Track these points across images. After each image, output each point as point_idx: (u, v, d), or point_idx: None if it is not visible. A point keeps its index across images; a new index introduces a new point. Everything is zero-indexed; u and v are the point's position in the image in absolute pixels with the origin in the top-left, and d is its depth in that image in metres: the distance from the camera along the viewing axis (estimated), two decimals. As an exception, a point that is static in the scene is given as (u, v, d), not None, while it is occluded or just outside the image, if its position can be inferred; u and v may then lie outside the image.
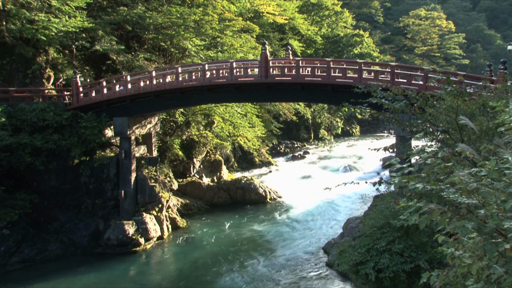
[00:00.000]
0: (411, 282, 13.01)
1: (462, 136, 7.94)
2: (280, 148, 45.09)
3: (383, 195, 16.63)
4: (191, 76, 20.59)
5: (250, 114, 30.10)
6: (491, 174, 4.16)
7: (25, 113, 20.03)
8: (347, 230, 19.43)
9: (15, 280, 17.09)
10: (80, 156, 20.86)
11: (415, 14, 79.04)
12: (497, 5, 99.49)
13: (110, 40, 24.51)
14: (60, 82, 23.86)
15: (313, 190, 28.14)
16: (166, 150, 26.69)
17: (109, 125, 21.90)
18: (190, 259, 19.25)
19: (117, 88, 21.40)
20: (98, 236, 20.53)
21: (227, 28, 29.13)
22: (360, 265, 14.13)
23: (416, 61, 70.77)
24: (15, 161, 19.33)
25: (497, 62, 30.28)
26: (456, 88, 8.17)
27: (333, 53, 49.92)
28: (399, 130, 14.68)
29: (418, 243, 13.60)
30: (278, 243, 20.79)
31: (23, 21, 21.27)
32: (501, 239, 3.93)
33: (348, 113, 11.06)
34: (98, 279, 17.38)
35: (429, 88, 14.01)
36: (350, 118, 59.05)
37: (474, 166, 5.40)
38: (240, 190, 28.17)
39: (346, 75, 17.70)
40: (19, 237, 18.76)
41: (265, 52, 18.92)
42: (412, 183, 4.58)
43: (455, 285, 4.94)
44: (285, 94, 20.39)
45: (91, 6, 25.26)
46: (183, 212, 24.74)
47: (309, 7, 53.71)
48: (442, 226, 4.28)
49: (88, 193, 21.19)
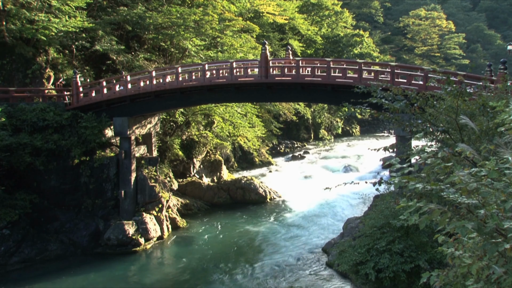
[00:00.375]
0: (411, 282, 12.99)
1: (462, 136, 7.94)
2: (280, 148, 45.08)
3: (383, 195, 16.60)
4: (191, 76, 20.59)
5: (250, 114, 30.10)
6: (491, 174, 4.16)
7: (25, 113, 20.03)
8: (347, 230, 19.43)
9: (15, 280, 17.10)
10: (80, 156, 20.86)
11: (415, 14, 79.04)
12: (497, 5, 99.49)
13: (110, 40, 24.51)
14: (60, 82, 23.86)
15: (313, 190, 28.11)
16: (166, 150, 26.69)
17: (109, 125, 21.90)
18: (190, 259, 19.26)
19: (117, 88, 21.41)
20: (98, 236, 20.53)
21: (227, 28, 29.13)
22: (360, 265, 14.11)
23: (416, 61, 70.76)
24: (15, 161, 19.34)
25: (497, 62, 30.28)
26: (456, 88, 8.17)
27: (333, 53, 49.92)
28: (399, 130, 14.68)
29: (418, 243, 13.59)
30: (278, 243, 20.79)
31: (23, 21, 21.27)
32: (501, 239, 3.93)
33: (348, 113, 11.05)
34: (98, 279, 17.39)
35: (429, 88, 14.01)
36: (350, 118, 59.04)
37: (474, 166, 5.40)
38: (240, 190, 28.17)
39: (346, 75, 17.70)
40: (19, 237, 18.76)
41: (265, 52, 18.92)
42: (412, 183, 4.58)
43: (455, 285, 4.94)
44: (285, 94, 20.39)
45: (91, 6, 25.26)
46: (183, 212, 24.75)
47: (309, 7, 53.72)
48: (442, 226, 4.28)
49: (88, 193, 21.20)
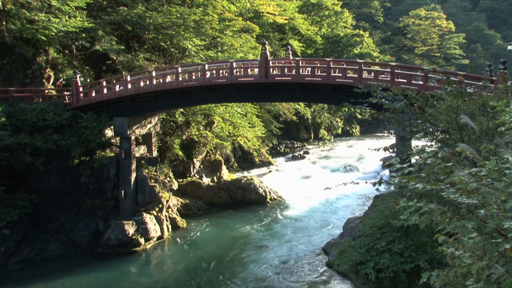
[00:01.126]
0: (411, 282, 13.01)
1: (462, 136, 7.94)
2: (280, 148, 45.08)
3: (383, 195, 16.62)
4: (191, 76, 20.59)
5: (250, 114, 30.10)
6: (491, 174, 4.16)
7: (25, 113, 20.03)
8: (347, 230, 19.42)
9: (15, 280, 17.08)
10: (80, 156, 20.85)
11: (415, 14, 79.04)
12: (497, 5, 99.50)
13: (110, 40, 24.51)
14: (60, 82, 23.85)
15: (313, 190, 28.12)
16: (166, 150, 26.69)
17: (109, 125, 21.89)
18: (190, 259, 19.27)
19: (117, 88, 21.40)
20: (98, 236, 20.53)
21: (227, 28, 29.12)
22: (360, 265, 14.13)
23: (416, 61, 70.77)
24: (15, 161, 19.33)
25: (497, 62, 30.24)
26: (456, 88, 8.17)
27: (333, 53, 49.92)
28: (399, 130, 14.68)
29: (418, 243, 13.60)
30: (278, 243, 20.79)
31: (23, 21, 21.25)
32: (501, 239, 3.93)
33: (348, 113, 11.06)
34: (98, 279, 17.38)
35: (429, 88, 14.00)
36: (350, 118, 59.04)
37: (474, 166, 5.40)
38: (240, 190, 28.16)
39: (346, 75, 17.70)
40: (19, 237, 18.76)
41: (265, 52, 18.92)
42: (412, 183, 4.58)
43: (455, 285, 4.94)
44: (285, 94, 20.39)
45: (91, 6, 25.25)
46: (183, 212, 24.74)
47: (309, 7, 53.71)
48: (442, 226, 4.28)
49: (88, 193, 21.19)
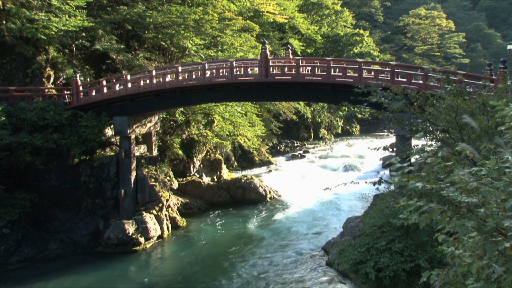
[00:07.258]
0: (411, 281, 13.00)
1: (462, 135, 7.93)
2: (280, 147, 45.09)
3: (383, 194, 16.62)
4: (191, 75, 20.59)
5: (250, 113, 30.10)
6: (491, 173, 4.16)
7: (25, 112, 20.03)
8: (347, 229, 19.42)
9: (15, 279, 17.10)
10: (80, 155, 20.86)
11: (415, 13, 79.05)
12: (497, 4, 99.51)
13: (110, 39, 24.50)
14: (60, 81, 23.85)
15: (313, 190, 28.13)
16: (166, 149, 26.69)
17: (109, 124, 21.90)
18: (190, 258, 19.27)
19: (117, 87, 21.40)
20: (98, 235, 20.54)
21: (227, 27, 29.12)
22: (360, 264, 14.12)
23: (416, 60, 70.78)
24: (15, 160, 19.34)
25: (497, 61, 30.26)
26: (456, 87, 8.16)
27: (333, 52, 49.92)
28: (399, 130, 14.66)
29: (418, 242, 13.60)
30: (278, 242, 20.80)
31: (23, 20, 21.24)
32: (501, 238, 3.93)
33: (348, 113, 11.05)
34: (98, 278, 17.39)
35: (429, 87, 14.01)
36: (350, 117, 59.03)
37: (474, 165, 5.40)
38: (240, 189, 28.17)
39: (346, 75, 17.69)
40: (19, 236, 18.77)
41: (265, 51, 18.91)
42: (412, 182, 4.57)
43: (455, 284, 4.94)
44: (285, 93, 20.37)
45: (91, 5, 25.25)
46: (183, 211, 24.75)
47: (309, 6, 53.73)
48: (442, 225, 4.27)
49: (88, 192, 21.19)
